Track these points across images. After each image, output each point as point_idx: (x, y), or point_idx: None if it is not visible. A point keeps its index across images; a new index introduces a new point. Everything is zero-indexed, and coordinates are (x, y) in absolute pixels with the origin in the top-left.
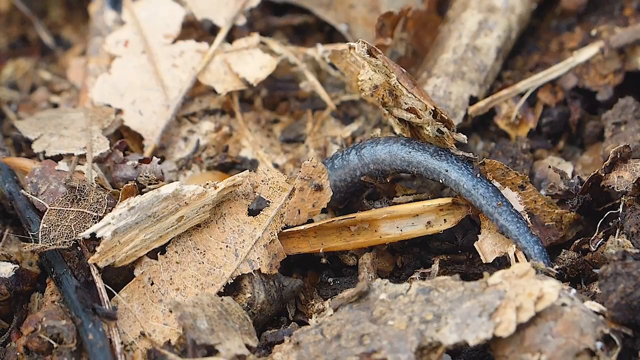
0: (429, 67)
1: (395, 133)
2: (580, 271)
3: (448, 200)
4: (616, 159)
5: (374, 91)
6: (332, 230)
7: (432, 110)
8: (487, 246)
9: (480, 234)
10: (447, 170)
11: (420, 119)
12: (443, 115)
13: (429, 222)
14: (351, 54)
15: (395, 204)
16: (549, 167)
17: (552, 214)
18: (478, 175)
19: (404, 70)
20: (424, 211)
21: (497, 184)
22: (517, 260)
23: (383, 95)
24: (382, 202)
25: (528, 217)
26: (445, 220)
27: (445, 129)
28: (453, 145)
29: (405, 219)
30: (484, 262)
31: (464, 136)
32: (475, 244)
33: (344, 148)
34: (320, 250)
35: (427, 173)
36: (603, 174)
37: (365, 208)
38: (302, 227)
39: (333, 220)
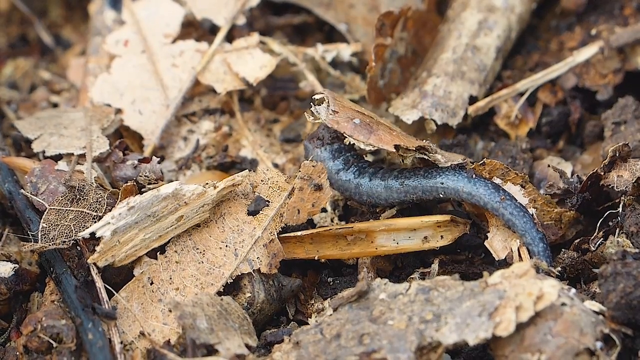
0: (428, 67)
1: None
2: (580, 271)
3: (447, 217)
4: (615, 158)
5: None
6: (329, 238)
7: (395, 149)
8: (498, 243)
9: (480, 233)
10: (442, 183)
11: (395, 152)
12: (410, 147)
13: (425, 238)
14: (314, 109)
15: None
16: (548, 166)
17: (551, 213)
18: (474, 176)
19: (357, 121)
20: (422, 227)
21: (498, 180)
22: (520, 256)
23: (347, 141)
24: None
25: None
26: (442, 236)
27: (421, 155)
28: (439, 159)
29: (403, 233)
30: (496, 259)
31: (439, 156)
32: (485, 243)
33: (350, 159)
34: (316, 258)
35: (425, 195)
36: (602, 173)
37: (362, 216)
38: (298, 233)
39: (330, 229)
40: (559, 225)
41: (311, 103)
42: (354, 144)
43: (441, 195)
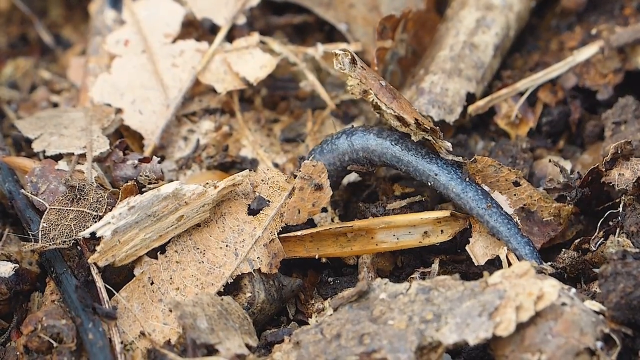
0: (426, 64)
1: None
2: (580, 271)
3: (446, 212)
4: (617, 155)
5: (363, 95)
6: (329, 237)
7: (414, 121)
8: (479, 249)
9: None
10: (436, 174)
11: (406, 127)
12: (425, 125)
13: (425, 233)
14: (337, 60)
15: (391, 210)
16: (550, 160)
17: (549, 209)
18: (467, 179)
19: (383, 83)
20: (421, 223)
21: (486, 187)
22: (509, 262)
23: (373, 98)
24: (377, 206)
25: (525, 213)
26: (442, 231)
27: (430, 137)
28: (442, 149)
29: (403, 229)
30: (476, 264)
31: (449, 144)
32: (467, 247)
33: (333, 133)
34: (317, 256)
35: (416, 174)
36: (603, 169)
37: (361, 212)
38: (298, 233)
39: (330, 227)
40: (557, 221)
41: (335, 57)
42: (376, 102)
43: (430, 184)
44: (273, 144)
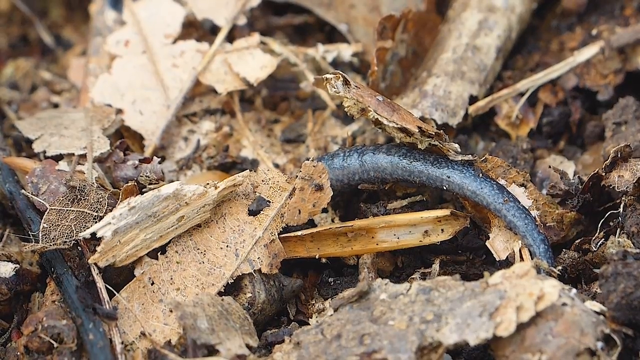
0: (429, 67)
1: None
2: (580, 271)
3: (446, 211)
4: (617, 159)
5: (362, 114)
6: (329, 236)
7: (418, 130)
8: (499, 244)
9: (481, 235)
10: (449, 177)
11: (410, 137)
12: (429, 131)
13: (426, 232)
14: (330, 85)
15: (392, 210)
16: (550, 167)
17: (553, 214)
18: (481, 175)
19: (380, 98)
20: (422, 222)
21: (502, 182)
22: (521, 257)
23: (373, 115)
24: (378, 207)
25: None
26: (442, 230)
27: (436, 142)
28: (450, 151)
29: (403, 228)
30: (497, 259)
31: (456, 145)
32: (487, 243)
33: (346, 148)
34: (317, 256)
35: (429, 182)
36: (604, 174)
37: (362, 212)
38: (299, 233)
39: (330, 227)
40: (560, 227)
41: (326, 80)
42: (377, 118)
43: (445, 188)
44: (273, 144)
